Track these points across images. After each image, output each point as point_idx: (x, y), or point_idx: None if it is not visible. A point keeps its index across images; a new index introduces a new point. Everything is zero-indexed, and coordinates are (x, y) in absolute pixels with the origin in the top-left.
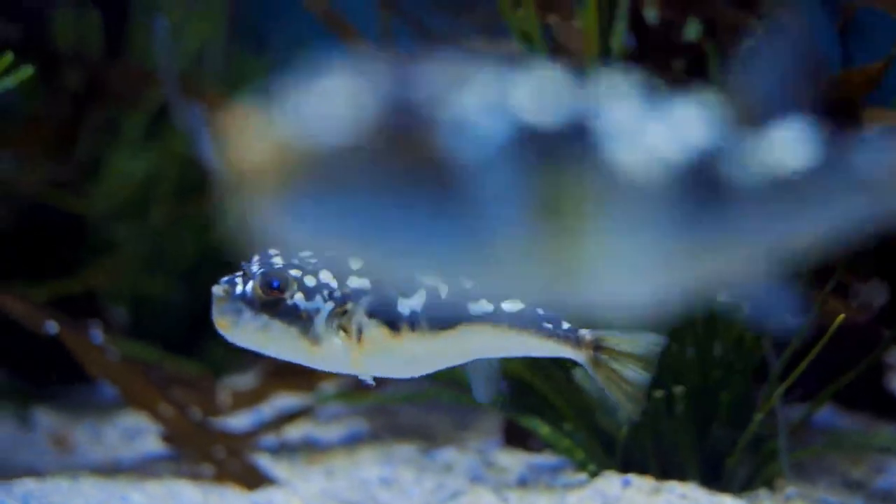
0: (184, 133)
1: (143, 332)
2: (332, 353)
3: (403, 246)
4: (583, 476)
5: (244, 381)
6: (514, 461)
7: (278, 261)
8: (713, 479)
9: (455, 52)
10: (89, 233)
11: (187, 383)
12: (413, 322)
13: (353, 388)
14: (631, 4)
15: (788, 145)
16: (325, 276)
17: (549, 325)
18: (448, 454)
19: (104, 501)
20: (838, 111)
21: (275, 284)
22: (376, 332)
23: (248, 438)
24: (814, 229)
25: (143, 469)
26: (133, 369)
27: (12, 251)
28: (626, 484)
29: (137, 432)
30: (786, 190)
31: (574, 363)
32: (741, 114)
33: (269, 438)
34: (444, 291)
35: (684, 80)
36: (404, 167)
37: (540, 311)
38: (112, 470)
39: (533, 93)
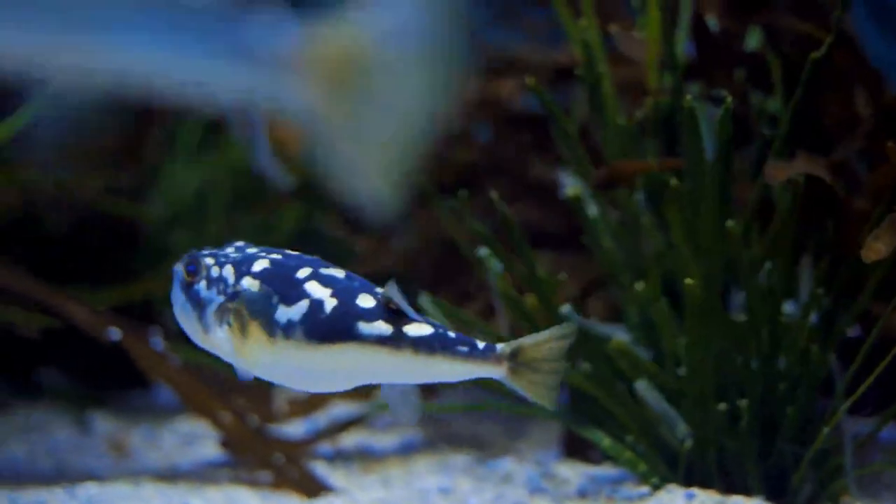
0: (238, 142)
1: None
2: (217, 344)
3: None
4: (645, 489)
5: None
6: (573, 472)
7: (231, 250)
8: (778, 495)
9: None
10: (145, 240)
11: (243, 390)
12: (287, 331)
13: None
14: (693, 13)
15: None
16: (227, 272)
17: (465, 348)
18: (506, 464)
19: None
20: None
21: (191, 269)
22: (256, 334)
23: (304, 446)
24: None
25: (201, 475)
26: (193, 376)
27: (70, 258)
28: (690, 497)
29: (193, 438)
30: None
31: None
32: None
33: (325, 446)
34: (329, 306)
35: (745, 89)
36: None
37: (451, 334)
38: (171, 475)
39: None
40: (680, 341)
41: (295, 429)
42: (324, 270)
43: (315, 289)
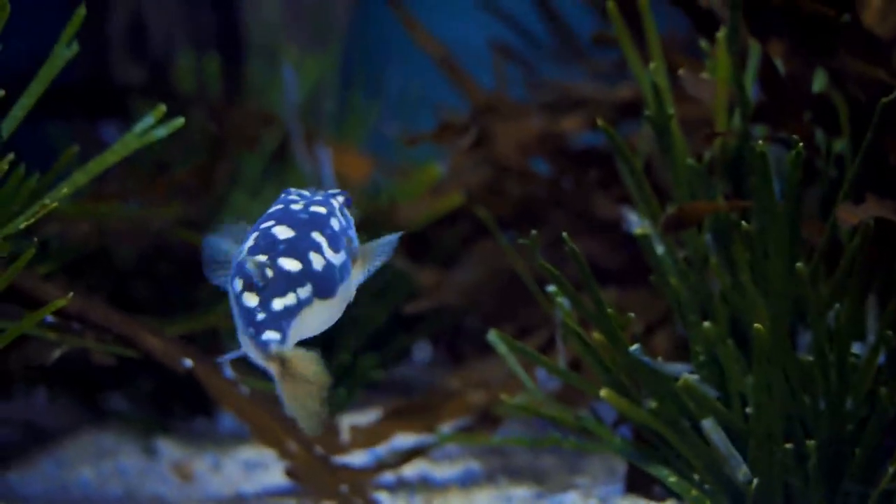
0: (303, 174)
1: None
2: None
3: None
4: None
5: (360, 419)
6: None
7: (305, 193)
8: None
9: None
10: None
11: None
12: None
13: (470, 429)
14: (762, 56)
15: None
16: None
17: (252, 329)
18: (570, 499)
19: None
20: None
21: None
22: None
23: (369, 475)
24: None
25: (265, 502)
26: (261, 405)
27: (138, 288)
28: None
29: (256, 465)
30: None
31: None
32: None
33: (387, 476)
34: (238, 255)
35: (811, 131)
36: None
37: (260, 315)
38: (236, 501)
39: None
40: (747, 380)
41: (357, 458)
42: (276, 228)
43: (251, 239)
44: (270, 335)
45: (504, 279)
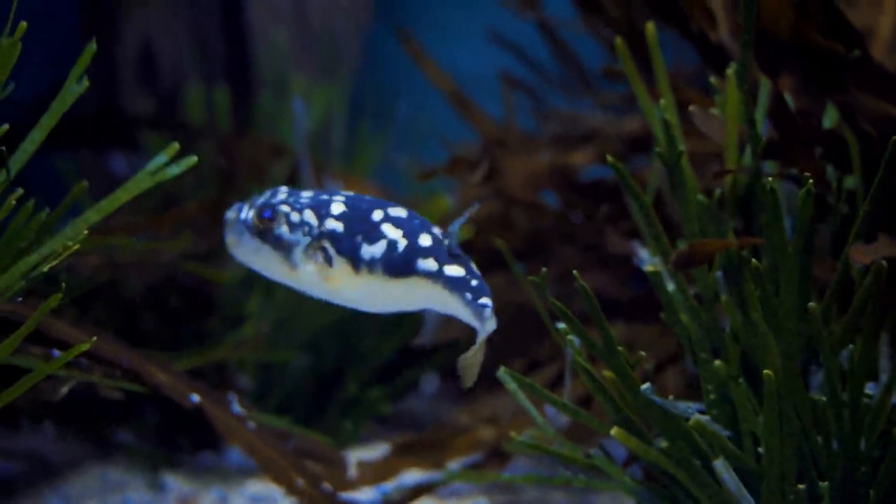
0: None
1: (267, 400)
2: (305, 278)
3: None
4: None
5: (367, 453)
6: None
7: (282, 197)
8: None
9: None
10: (220, 305)
11: (316, 455)
12: (371, 265)
13: (479, 466)
14: (773, 92)
15: None
16: (308, 216)
17: (469, 295)
18: None
19: None
20: None
21: (266, 215)
22: (342, 267)
23: None
24: None
25: None
26: (269, 440)
27: (147, 322)
28: None
29: (263, 500)
30: None
31: None
32: None
33: None
34: (402, 245)
35: (824, 167)
36: None
37: (473, 282)
38: None
39: None
40: (759, 420)
41: (364, 495)
42: (392, 212)
43: (390, 230)
44: (486, 300)
45: (513, 312)
